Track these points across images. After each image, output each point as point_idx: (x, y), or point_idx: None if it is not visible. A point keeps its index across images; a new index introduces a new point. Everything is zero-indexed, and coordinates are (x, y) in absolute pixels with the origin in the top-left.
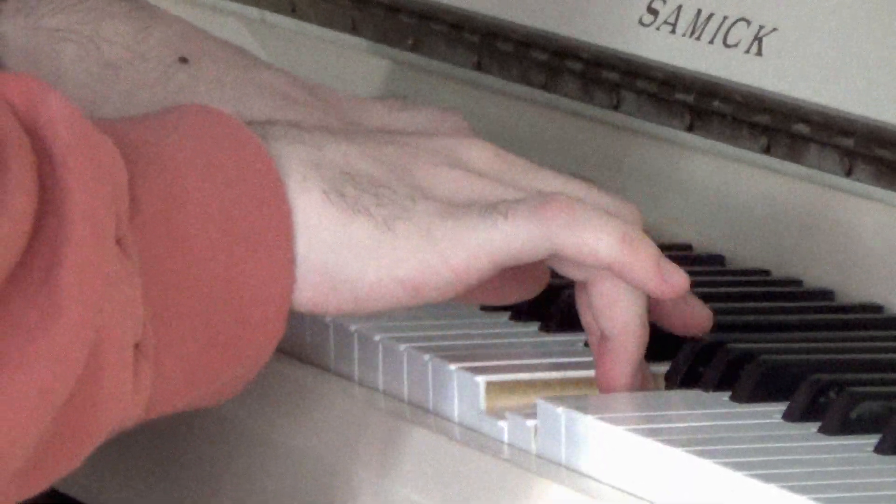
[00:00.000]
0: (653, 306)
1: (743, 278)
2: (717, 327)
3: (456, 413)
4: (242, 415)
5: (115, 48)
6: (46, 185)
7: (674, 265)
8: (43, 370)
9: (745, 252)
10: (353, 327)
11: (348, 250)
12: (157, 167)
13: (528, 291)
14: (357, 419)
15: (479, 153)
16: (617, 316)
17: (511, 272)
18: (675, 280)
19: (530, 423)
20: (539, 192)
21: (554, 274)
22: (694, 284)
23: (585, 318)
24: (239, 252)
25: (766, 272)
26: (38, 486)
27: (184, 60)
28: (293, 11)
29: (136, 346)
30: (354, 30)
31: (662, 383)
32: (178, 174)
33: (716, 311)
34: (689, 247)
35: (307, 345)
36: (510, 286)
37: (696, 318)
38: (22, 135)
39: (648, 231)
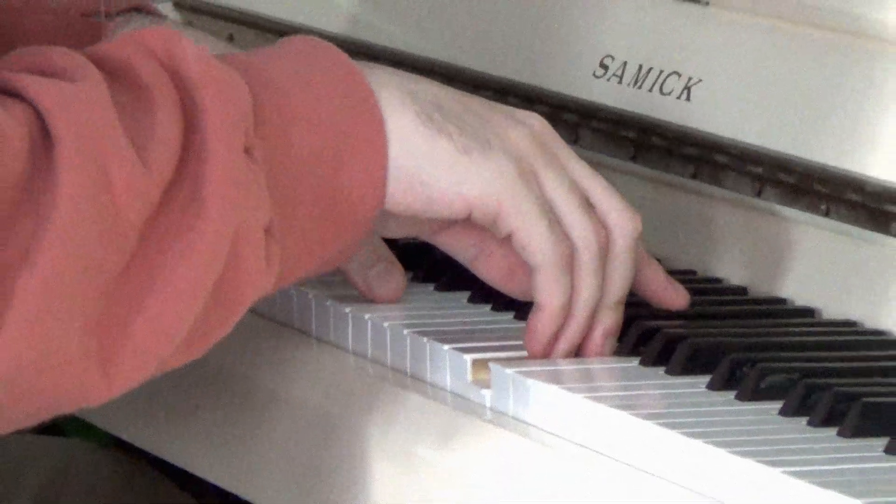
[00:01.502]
0: (639, 284)
1: (675, 277)
2: (654, 316)
3: (448, 383)
4: (279, 386)
5: None
6: (188, 114)
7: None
8: (198, 259)
9: (677, 256)
10: (367, 315)
11: (430, 161)
12: (273, 90)
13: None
14: (369, 388)
15: (537, 123)
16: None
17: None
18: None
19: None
20: (570, 230)
21: None
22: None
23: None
24: (341, 154)
25: (693, 272)
26: (198, 352)
27: None
28: None
29: (266, 230)
30: None
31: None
32: (289, 94)
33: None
34: None
35: (331, 330)
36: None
37: (678, 297)
38: (165, 77)
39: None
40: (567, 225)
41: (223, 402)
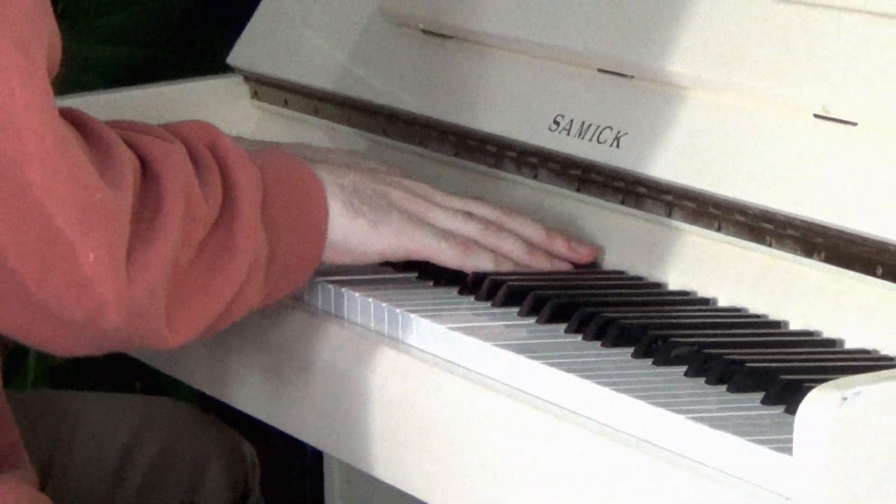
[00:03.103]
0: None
1: (607, 276)
2: (593, 304)
3: (404, 331)
4: (295, 340)
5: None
6: (226, 184)
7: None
8: (227, 278)
9: (610, 261)
10: (367, 295)
11: (352, 235)
12: (263, 180)
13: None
14: (358, 343)
15: (408, 181)
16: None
17: None
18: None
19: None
20: (463, 233)
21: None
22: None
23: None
24: (297, 225)
25: (622, 272)
26: (208, 334)
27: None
28: (349, 122)
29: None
30: (385, 133)
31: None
32: (272, 186)
33: (593, 295)
34: None
35: (341, 308)
36: None
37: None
38: (213, 162)
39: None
40: (457, 230)
41: (269, 360)
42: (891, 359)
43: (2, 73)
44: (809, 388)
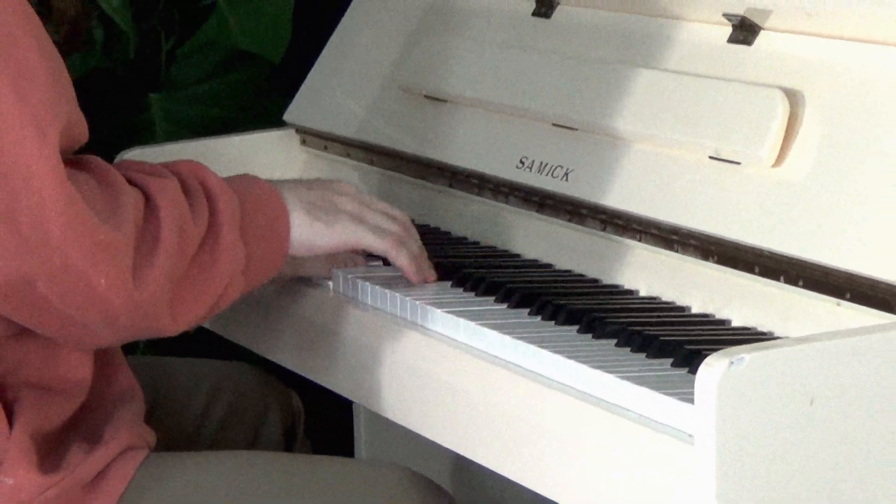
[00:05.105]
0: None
1: (559, 274)
2: (549, 294)
3: (411, 314)
4: (327, 319)
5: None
6: (212, 209)
7: (425, 266)
8: (214, 282)
9: (562, 263)
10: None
11: (311, 235)
12: (240, 203)
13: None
14: (374, 321)
15: (352, 189)
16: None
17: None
18: (427, 274)
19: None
20: (392, 231)
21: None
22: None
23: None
24: (267, 235)
25: (570, 271)
26: (201, 322)
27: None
28: (372, 162)
29: (242, 271)
30: (397, 170)
31: None
32: (247, 207)
33: (549, 288)
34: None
35: (354, 293)
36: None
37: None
38: (201, 191)
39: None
40: (387, 228)
41: (305, 336)
42: (765, 334)
43: (23, 151)
44: (706, 355)
